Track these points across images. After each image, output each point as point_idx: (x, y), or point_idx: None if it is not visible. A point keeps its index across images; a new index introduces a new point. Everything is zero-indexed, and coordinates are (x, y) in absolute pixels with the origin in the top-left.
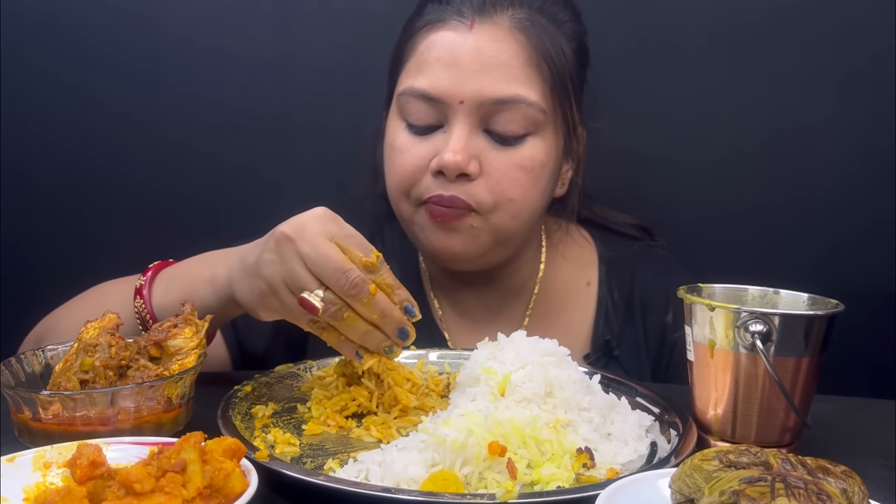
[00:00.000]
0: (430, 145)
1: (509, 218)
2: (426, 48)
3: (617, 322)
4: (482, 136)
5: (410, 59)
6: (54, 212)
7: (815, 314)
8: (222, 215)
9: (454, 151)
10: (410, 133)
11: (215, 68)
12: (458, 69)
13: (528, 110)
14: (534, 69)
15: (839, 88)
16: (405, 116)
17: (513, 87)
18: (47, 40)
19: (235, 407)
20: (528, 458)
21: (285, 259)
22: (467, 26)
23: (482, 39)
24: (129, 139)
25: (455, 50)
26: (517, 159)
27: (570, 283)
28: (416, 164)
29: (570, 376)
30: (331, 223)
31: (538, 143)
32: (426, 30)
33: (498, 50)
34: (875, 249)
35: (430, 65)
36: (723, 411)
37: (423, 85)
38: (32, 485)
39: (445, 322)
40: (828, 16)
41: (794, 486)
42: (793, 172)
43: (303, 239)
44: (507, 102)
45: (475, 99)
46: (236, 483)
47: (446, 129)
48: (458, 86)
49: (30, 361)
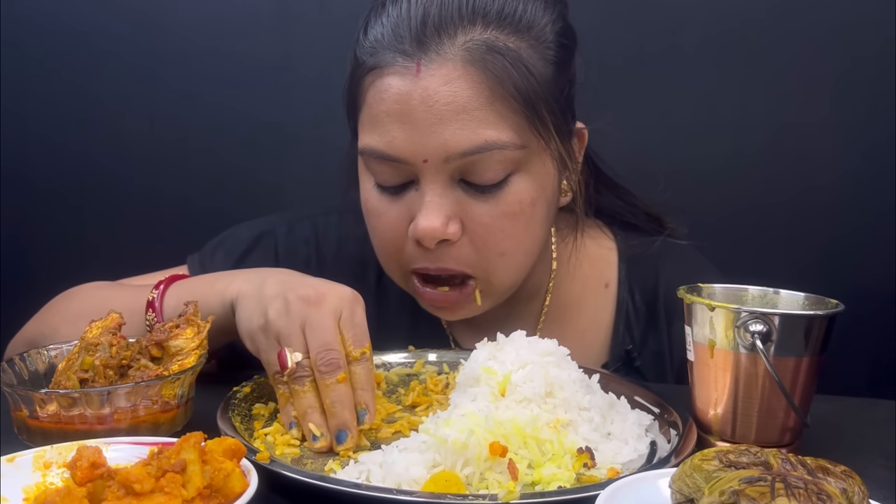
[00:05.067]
0: (405, 206)
1: (511, 272)
2: (374, 100)
3: (638, 328)
4: (458, 188)
5: (362, 108)
6: (54, 211)
7: (815, 314)
8: (222, 216)
9: (427, 218)
10: (381, 193)
11: (215, 70)
12: (414, 124)
13: (503, 153)
14: (499, 103)
15: (839, 87)
16: (373, 175)
17: (479, 134)
18: (47, 40)
19: (235, 407)
20: (528, 458)
21: (291, 315)
22: (413, 71)
23: (433, 84)
24: (129, 140)
25: (405, 101)
26: (502, 207)
27: (586, 286)
28: (394, 229)
29: (570, 376)
30: (348, 306)
31: (523, 182)
32: (372, 74)
33: (453, 94)
34: (875, 249)
35: (382, 121)
36: (723, 411)
37: (380, 145)
38: (32, 485)
39: (454, 332)
40: (827, 14)
41: (794, 486)
42: (792, 171)
43: (316, 307)
44: (476, 153)
45: (438, 156)
46: (236, 483)
47: (418, 188)
48: (417, 144)
49: (34, 360)
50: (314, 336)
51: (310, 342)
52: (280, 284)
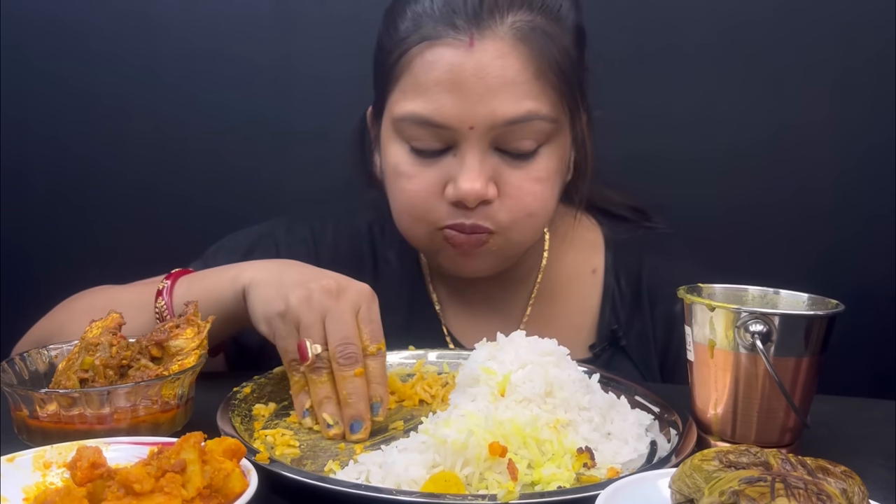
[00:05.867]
0: (440, 171)
1: (531, 232)
2: (423, 69)
3: (624, 311)
4: (495, 156)
5: (404, 77)
6: (54, 212)
7: (815, 314)
8: (222, 216)
9: (471, 180)
10: (416, 157)
11: (215, 70)
12: (464, 93)
13: (541, 124)
14: (542, 80)
15: (838, 86)
16: (407, 140)
17: (524, 105)
18: (47, 40)
19: (235, 408)
20: (528, 458)
21: (313, 305)
22: (466, 43)
23: (486, 57)
24: (129, 140)
25: (457, 72)
26: (533, 174)
27: (574, 271)
28: (428, 190)
29: (570, 376)
30: (366, 302)
31: (551, 152)
32: (420, 46)
33: (503, 67)
34: (875, 249)
35: (430, 89)
36: (723, 411)
37: (427, 112)
38: (32, 485)
39: (445, 316)
40: (827, 13)
41: (793, 487)
42: (792, 171)
43: (337, 300)
44: (519, 122)
45: (486, 123)
46: (236, 483)
47: (456, 154)
48: (466, 111)
49: (34, 360)
50: (335, 329)
51: (330, 335)
52: (300, 274)
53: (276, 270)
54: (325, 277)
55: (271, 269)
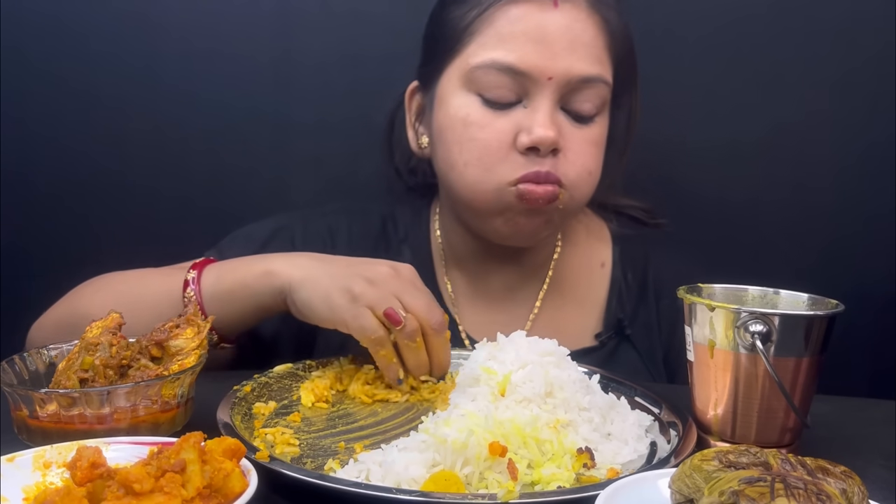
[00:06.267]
0: (511, 121)
1: (588, 191)
2: (508, 22)
3: (630, 303)
4: (561, 114)
5: (485, 31)
6: (54, 211)
7: (815, 314)
8: (222, 214)
9: (545, 126)
10: (487, 107)
11: (215, 68)
12: (547, 45)
13: (604, 90)
14: (609, 51)
15: (838, 86)
16: (480, 90)
17: (595, 67)
18: (47, 40)
19: (235, 407)
20: (528, 458)
21: (380, 286)
22: (552, 3)
23: (568, 18)
24: (129, 139)
25: (543, 26)
26: (589, 136)
27: (584, 264)
28: (499, 138)
29: (570, 376)
30: (418, 277)
31: (603, 122)
32: (503, 4)
33: (583, 30)
34: (875, 249)
35: (516, 38)
36: (723, 411)
37: (510, 59)
38: (32, 485)
39: (457, 303)
40: (828, 11)
41: (793, 487)
42: (792, 170)
43: (400, 278)
44: (590, 81)
45: (564, 76)
46: (236, 483)
47: (527, 105)
48: (548, 61)
49: (34, 360)
50: (416, 299)
51: (414, 307)
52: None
53: (314, 266)
54: (373, 262)
55: (308, 265)
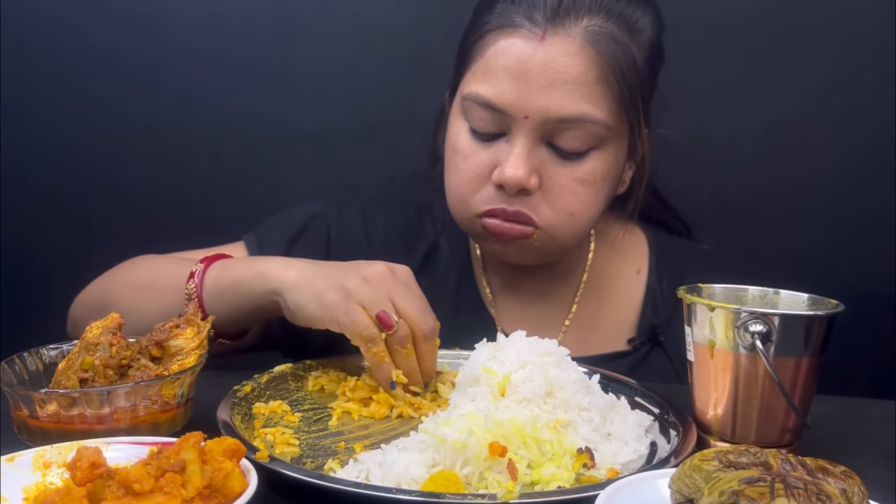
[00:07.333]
0: (492, 153)
1: (571, 233)
2: (494, 54)
3: (665, 311)
4: (544, 149)
5: (477, 60)
6: (54, 212)
7: (815, 314)
8: (222, 217)
9: (514, 167)
10: (473, 137)
11: (215, 71)
12: (526, 83)
13: (594, 128)
14: (603, 85)
15: (839, 83)
16: (468, 119)
17: (579, 106)
18: (47, 40)
19: (235, 407)
20: (528, 458)
21: (374, 285)
22: (539, 36)
23: (553, 52)
24: (129, 140)
25: (524, 61)
26: (578, 174)
27: (620, 269)
28: (477, 171)
29: (570, 376)
30: (413, 279)
31: (601, 157)
32: (496, 33)
33: (568, 65)
34: (875, 249)
35: (497, 73)
36: (723, 411)
37: (488, 94)
38: (32, 485)
39: (495, 303)
40: (829, 10)
41: (793, 487)
42: (792, 170)
43: (395, 279)
44: (572, 121)
45: (540, 115)
46: (236, 483)
47: (509, 140)
48: (524, 100)
49: (34, 360)
50: (410, 302)
51: (407, 308)
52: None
53: (310, 269)
54: (367, 263)
55: (303, 268)
